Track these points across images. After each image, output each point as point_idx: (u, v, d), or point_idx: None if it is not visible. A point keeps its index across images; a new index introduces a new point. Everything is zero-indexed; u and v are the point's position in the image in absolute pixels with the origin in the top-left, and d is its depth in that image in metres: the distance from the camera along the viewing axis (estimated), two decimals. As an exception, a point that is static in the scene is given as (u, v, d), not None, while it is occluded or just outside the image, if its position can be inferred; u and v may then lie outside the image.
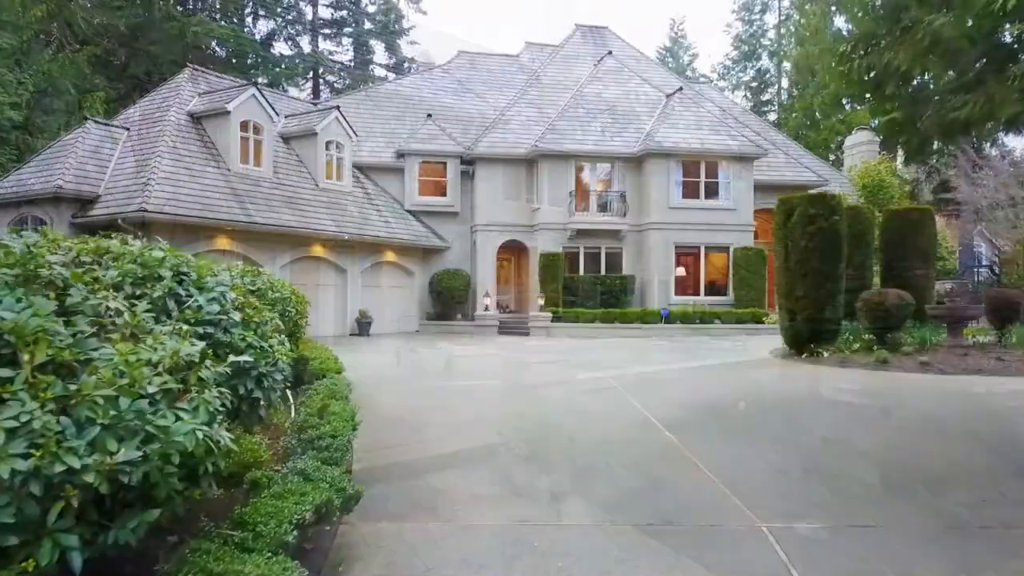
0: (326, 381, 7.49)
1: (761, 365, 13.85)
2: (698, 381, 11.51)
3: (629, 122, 25.93)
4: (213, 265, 5.58)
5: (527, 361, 14.77)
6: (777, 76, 55.29)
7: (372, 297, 23.23)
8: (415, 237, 24.11)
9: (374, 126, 26.60)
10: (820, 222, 14.19)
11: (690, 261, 25.86)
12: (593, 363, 14.10)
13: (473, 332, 23.43)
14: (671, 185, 24.51)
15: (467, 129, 27.20)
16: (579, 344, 18.98)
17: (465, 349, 17.35)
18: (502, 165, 25.14)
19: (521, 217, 25.27)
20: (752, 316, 22.77)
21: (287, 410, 7.13)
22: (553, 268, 23.14)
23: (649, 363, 14.11)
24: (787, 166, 27.42)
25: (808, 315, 14.28)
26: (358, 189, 24.03)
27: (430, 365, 13.84)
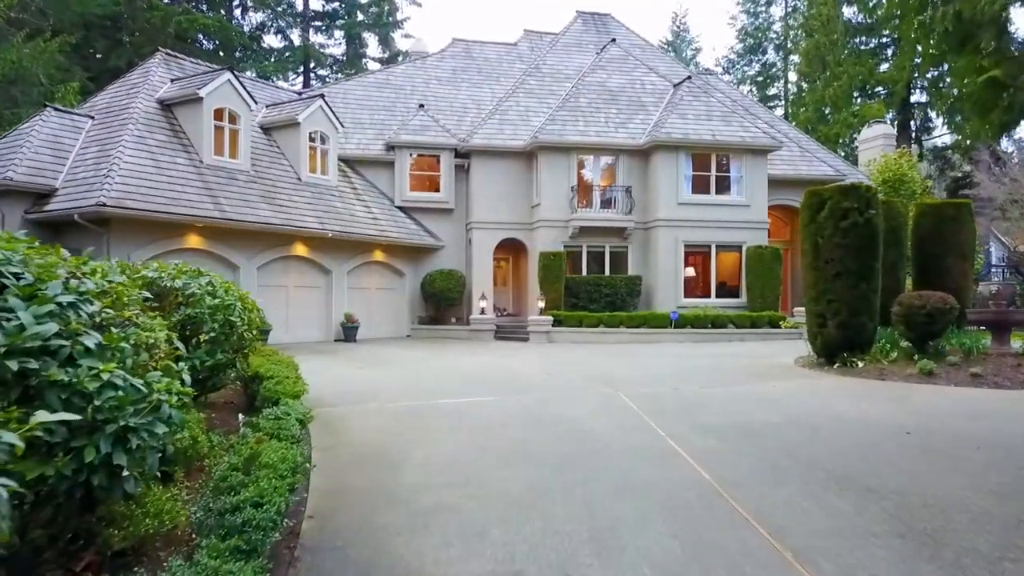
0: (276, 410, 6.03)
1: (789, 376, 12.41)
2: (725, 399, 10.07)
3: (635, 112, 24.50)
4: (107, 264, 4.15)
5: (527, 372, 13.32)
6: (784, 70, 53.93)
7: (359, 300, 21.78)
8: (406, 235, 22.66)
9: (362, 117, 25.15)
10: (854, 216, 12.76)
11: (700, 261, 24.45)
12: (600, 376, 12.65)
13: (468, 337, 21.98)
14: (680, 179, 23.08)
15: (462, 120, 25.77)
16: (582, 352, 17.53)
17: (458, 358, 15.89)
18: (499, 158, 23.70)
19: (519, 214, 23.83)
20: (768, 320, 21.33)
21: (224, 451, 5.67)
22: (554, 268, 21.70)
23: (663, 376, 12.66)
24: (802, 160, 26.01)
25: (841, 320, 12.84)
26: (344, 184, 22.58)
27: (417, 378, 12.38)
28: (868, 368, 12.58)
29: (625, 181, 23.49)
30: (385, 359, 15.52)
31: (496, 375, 12.64)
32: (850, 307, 12.81)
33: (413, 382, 11.68)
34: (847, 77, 36.38)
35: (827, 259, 12.99)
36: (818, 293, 13.18)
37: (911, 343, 13.60)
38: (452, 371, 13.30)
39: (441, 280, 22.79)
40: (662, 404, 9.42)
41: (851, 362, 12.85)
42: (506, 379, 12.08)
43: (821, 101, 37.83)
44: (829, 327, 13.01)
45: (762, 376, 12.40)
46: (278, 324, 19.12)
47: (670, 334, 20.54)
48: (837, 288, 12.88)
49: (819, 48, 37.89)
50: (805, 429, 7.84)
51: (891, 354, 13.18)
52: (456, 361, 15.28)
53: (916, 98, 41.22)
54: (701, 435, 7.49)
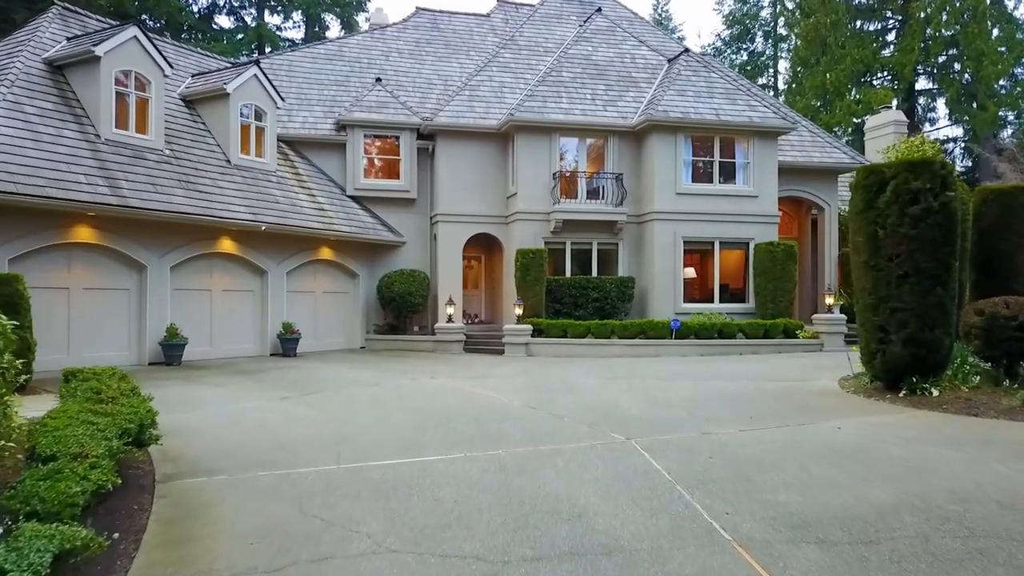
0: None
1: (847, 408, 9.62)
2: (786, 452, 7.27)
3: (625, 89, 21.70)
4: None
5: (502, 404, 10.38)
6: (773, 58, 51.71)
7: (302, 306, 18.70)
8: (359, 229, 19.60)
9: (310, 92, 22.05)
10: (927, 199, 10.01)
11: (701, 259, 21.76)
12: (599, 409, 9.77)
13: (432, 350, 18.98)
14: (678, 165, 20.31)
15: (426, 98, 22.78)
16: (569, 369, 14.64)
17: (416, 381, 12.90)
18: (469, 140, 20.74)
19: (493, 205, 20.90)
20: (783, 329, 18.62)
21: None
22: (533, 269, 18.80)
23: (682, 408, 9.81)
24: (813, 145, 23.40)
25: (909, 335, 10.08)
26: (285, 168, 19.47)
27: (355, 416, 9.38)
28: (947, 398, 9.84)
29: (615, 167, 20.66)
30: (322, 384, 12.47)
31: (462, 410, 9.68)
32: (921, 318, 10.06)
33: (347, 425, 8.67)
34: (850, 60, 33.96)
35: (890, 255, 10.23)
36: (877, 299, 10.41)
37: (992, 364, 10.94)
38: (405, 403, 10.30)
39: (401, 282, 19.78)
40: (701, 465, 6.55)
41: (922, 389, 10.11)
42: (475, 417, 9.12)
43: (822, 87, 35.40)
44: (893, 343, 10.25)
45: (811, 409, 9.60)
46: (198, 336, 15.99)
47: (671, 346, 17.73)
48: (904, 293, 10.13)
49: (819, 29, 35.45)
50: (946, 520, 5.01)
51: (970, 379, 10.47)
52: (413, 386, 12.28)
53: (919, 86, 39.03)
54: (791, 540, 4.64)
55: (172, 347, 14.97)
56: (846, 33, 35.86)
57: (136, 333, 15.07)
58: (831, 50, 35.13)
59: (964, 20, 32.67)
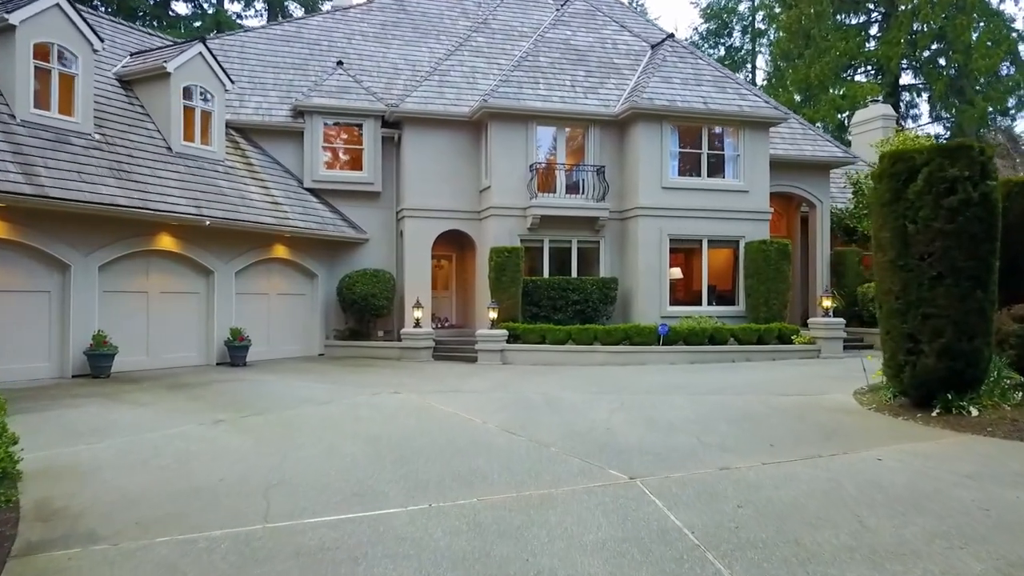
0: None
1: (877, 431, 8.35)
2: (828, 497, 5.96)
3: (606, 76, 20.37)
4: None
5: (475, 428, 8.94)
6: (752, 53, 50.90)
7: (253, 310, 17.09)
8: (318, 225, 18.01)
9: (264, 76, 20.39)
10: (965, 190, 8.77)
11: (689, 259, 20.48)
12: (590, 433, 8.39)
13: (398, 357, 17.47)
14: (664, 157, 19.02)
15: (392, 84, 21.24)
16: (550, 381, 13.24)
17: (375, 397, 11.39)
18: (439, 129, 19.25)
19: (465, 199, 19.44)
20: (778, 334, 17.42)
21: None
22: (508, 268, 17.37)
23: (686, 433, 8.47)
24: (804, 138, 22.28)
25: (944, 345, 8.83)
26: (236, 157, 17.82)
27: (295, 446, 7.87)
28: (989, 418, 8.61)
29: (597, 159, 19.31)
30: (267, 401, 10.91)
31: (429, 437, 8.21)
32: (959, 325, 8.81)
33: (287, 460, 7.16)
34: (835, 53, 33.04)
35: (922, 254, 8.97)
36: (906, 304, 9.15)
37: (1032, 377, 9.77)
38: (361, 428, 8.80)
39: (364, 283, 18.22)
40: (731, 519, 5.17)
41: (958, 407, 8.87)
42: (444, 447, 7.66)
43: (805, 81, 34.44)
44: (925, 354, 8.99)
45: (837, 433, 8.29)
46: (133, 344, 14.33)
47: (658, 353, 16.42)
48: (938, 297, 8.87)
49: (802, 20, 34.51)
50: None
51: (1010, 395, 9.25)
52: (373, 404, 10.78)
53: (903, 81, 38.32)
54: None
55: (99, 357, 13.27)
56: (830, 25, 34.96)
57: (57, 342, 13.35)
58: (815, 42, 34.20)
59: (951, 12, 31.93)
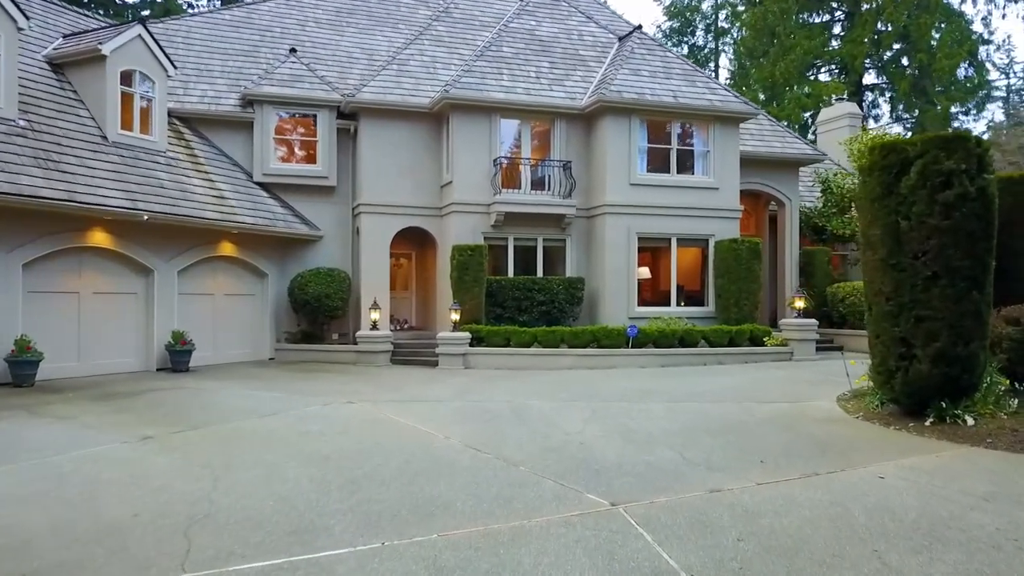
0: None
1: (871, 444, 7.76)
2: (836, 528, 5.33)
3: (573, 68, 19.69)
4: None
5: (436, 446, 8.14)
6: (715, 52, 50.82)
7: (197, 311, 16.02)
8: (268, 221, 16.99)
9: (211, 63, 19.26)
10: (962, 184, 8.24)
11: (658, 258, 19.91)
12: (563, 448, 7.66)
13: (354, 361, 16.55)
14: (633, 153, 18.39)
15: (347, 73, 20.28)
16: (516, 388, 12.49)
17: (326, 407, 10.50)
18: (398, 120, 18.35)
19: (425, 195, 18.58)
20: (749, 335, 16.91)
21: None
22: (471, 267, 16.57)
23: (667, 447, 7.79)
24: (773, 135, 21.89)
25: (940, 349, 8.28)
26: (179, 148, 16.70)
27: (230, 467, 6.98)
28: (987, 428, 8.08)
29: (563, 154, 18.60)
30: (206, 413, 9.95)
31: (384, 456, 7.37)
32: (955, 328, 8.27)
33: (218, 486, 6.27)
34: (800, 51, 32.87)
35: (916, 252, 8.42)
36: (899, 306, 8.59)
37: (1018, 383, 9.31)
38: (308, 446, 7.92)
39: (318, 283, 17.24)
40: (732, 556, 4.48)
41: (954, 416, 8.33)
42: (401, 468, 6.84)
43: (770, 78, 34.24)
44: (918, 359, 8.43)
45: (830, 446, 7.68)
46: (61, 349, 13.21)
47: (628, 356, 15.78)
48: (933, 298, 8.33)
49: (767, 18, 34.30)
50: None
51: (1006, 403, 8.74)
52: (323, 416, 9.90)
53: (867, 80, 38.40)
54: None
55: (21, 364, 12.11)
56: (794, 23, 34.84)
57: (-25, 347, 12.20)
58: (780, 40, 34.03)
59: (914, 12, 31.98)
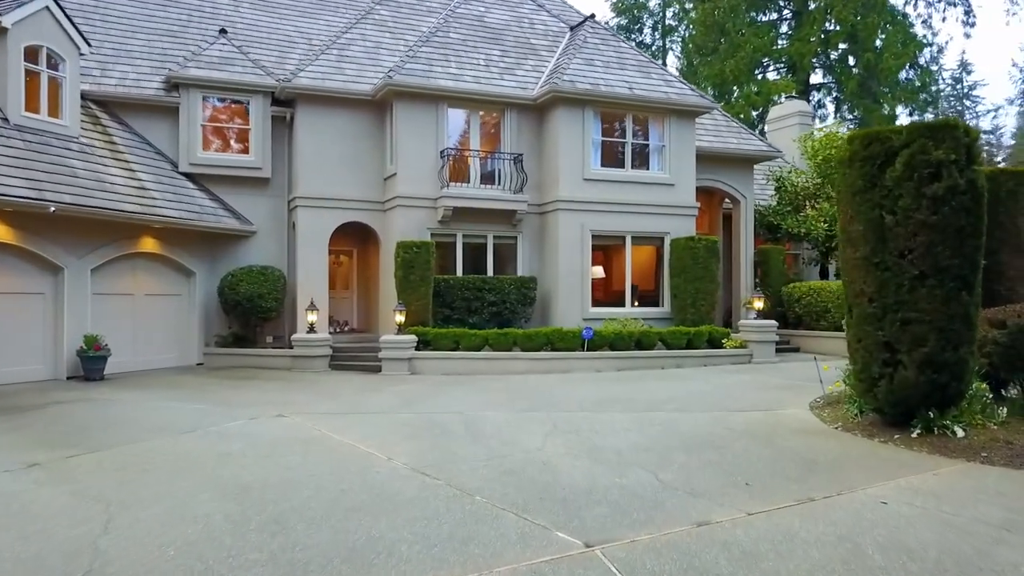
0: None
1: (863, 464, 7.11)
2: (846, 571, 4.54)
3: (524, 56, 18.86)
4: None
5: (375, 469, 7.18)
6: (663, 51, 50.70)
7: (115, 313, 14.66)
8: (194, 215, 15.68)
9: (133, 43, 17.80)
10: (951, 176, 7.64)
11: (612, 257, 19.23)
12: (522, 471, 6.81)
13: (289, 367, 15.39)
14: (586, 146, 17.64)
15: (285, 58, 19.03)
16: (467, 396, 11.58)
17: (253, 422, 9.40)
18: (338, 108, 17.22)
19: (368, 188, 17.50)
20: (708, 337, 16.33)
21: None
22: (418, 266, 15.56)
23: (638, 468, 6.99)
24: (728, 130, 21.45)
25: (927, 355, 7.67)
26: (94, 134, 15.27)
27: (127, 502, 5.91)
28: (978, 440, 7.52)
29: (514, 147, 17.74)
30: (112, 431, 8.76)
31: (313, 485, 6.37)
32: (943, 332, 7.67)
33: (111, 527, 5.19)
34: (750, 48, 32.72)
35: (902, 250, 7.79)
36: (883, 308, 7.95)
37: (1000, 389, 8.82)
38: (226, 472, 6.85)
39: (250, 282, 16.01)
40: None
41: (942, 427, 7.74)
42: (335, 501, 5.86)
43: (720, 76, 34.03)
44: (904, 366, 7.81)
45: (817, 464, 6.99)
46: (-49, 357, 11.75)
47: (583, 359, 15.01)
48: (920, 299, 7.71)
49: (716, 14, 34.08)
50: None
51: (994, 412, 8.20)
52: (249, 434, 8.80)
53: (814, 79, 38.59)
54: None
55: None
56: (743, 20, 34.71)
57: None
58: (730, 37, 33.84)
59: (862, 11, 32.13)
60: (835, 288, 18.17)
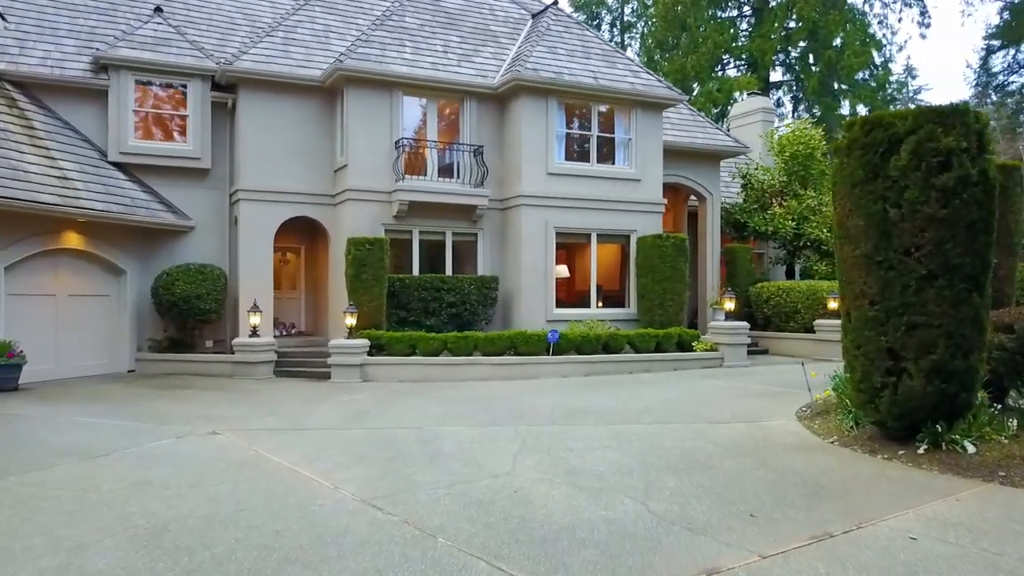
0: None
1: (872, 488, 6.38)
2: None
3: (483, 43, 17.95)
4: None
5: (317, 503, 6.22)
6: (621, 47, 50.28)
7: (33, 315, 13.33)
8: (124, 208, 14.40)
9: (58, 20, 16.38)
10: (962, 165, 6.98)
11: (576, 255, 18.45)
12: (489, 503, 5.94)
13: (230, 374, 14.23)
14: (550, 138, 16.81)
15: (226, 40, 17.79)
16: (424, 407, 10.63)
17: (180, 441, 8.31)
18: (284, 95, 16.08)
19: (317, 181, 16.40)
20: (677, 340, 15.64)
21: None
22: (371, 264, 14.53)
23: (620, 494, 6.16)
24: (694, 125, 20.83)
25: (936, 362, 6.99)
26: (11, 118, 13.93)
27: (5, 557, 4.82)
28: (992, 456, 6.85)
29: (474, 138, 16.81)
30: (6, 456, 7.59)
31: (243, 525, 5.36)
32: (953, 338, 6.99)
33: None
34: (711, 43, 32.32)
35: (908, 247, 7.09)
36: (886, 311, 7.24)
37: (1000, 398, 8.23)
38: (134, 509, 5.79)
39: (188, 281, 14.78)
40: None
41: (951, 441, 7.07)
42: (266, 550, 4.86)
43: (681, 72, 33.56)
44: (910, 374, 7.11)
45: (822, 489, 6.22)
46: None
47: (549, 364, 14.17)
48: (928, 301, 7.02)
49: (677, 8, 33.61)
50: None
51: (1002, 423, 7.56)
52: (170, 457, 7.73)
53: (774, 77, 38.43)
54: None
55: None
56: (704, 16, 34.32)
57: None
58: (691, 32, 33.41)
59: (823, 9, 31.97)
60: (805, 288, 17.69)
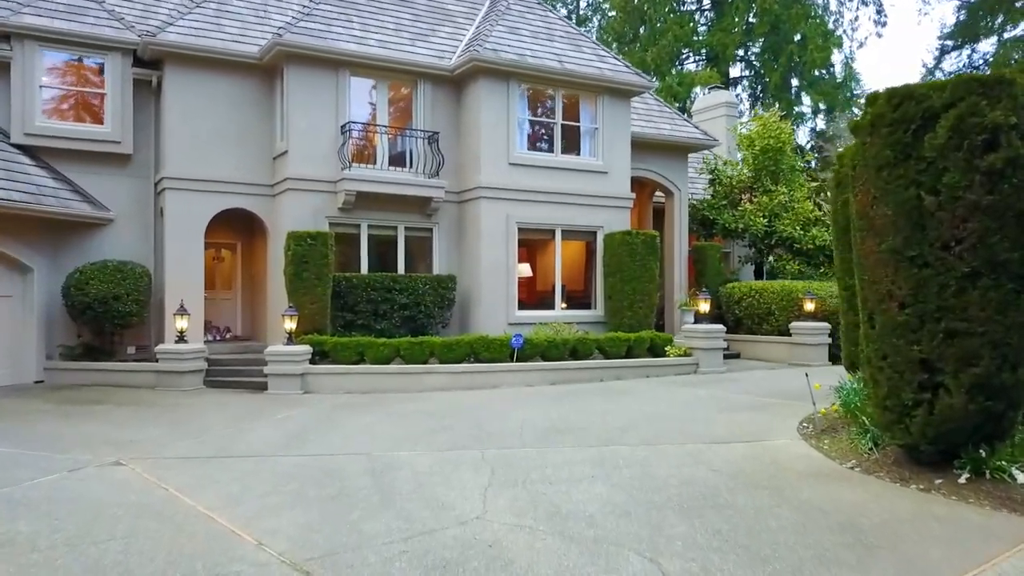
0: None
1: (922, 533, 5.34)
2: None
3: (439, 23, 16.66)
4: None
5: (234, 560, 4.88)
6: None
7: (-86, 320, 11.54)
8: (29, 197, 12.70)
9: (-47, -17, 14.51)
10: (1012, 144, 5.99)
11: (539, 253, 17.28)
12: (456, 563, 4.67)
13: (154, 385, 12.65)
14: (512, 126, 15.62)
15: (152, 11, 16.11)
16: (374, 425, 9.30)
17: (73, 475, 6.85)
18: (217, 72, 14.53)
19: (253, 168, 14.88)
20: (649, 344, 14.58)
21: None
22: (313, 261, 13.11)
23: (619, 547, 5.01)
24: (661, 115, 19.83)
25: (980, 376, 5.98)
26: None
27: None
28: (1048, 485, 5.86)
29: (429, 124, 15.50)
30: None
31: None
32: (1001, 348, 5.99)
33: None
34: (672, 36, 31.55)
35: (947, 241, 6.07)
36: (919, 315, 6.21)
37: None
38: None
39: (104, 280, 13.12)
40: None
41: (998, 469, 6.08)
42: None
43: (641, 65, 32.67)
44: (949, 390, 6.09)
45: (865, 536, 5.13)
46: None
47: (514, 372, 12.95)
48: (972, 304, 6.00)
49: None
50: None
51: (1047, 442, 6.62)
52: (56, 500, 6.29)
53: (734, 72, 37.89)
54: None
55: None
56: (664, 8, 33.58)
57: None
58: (650, 24, 32.60)
59: (784, 2, 31.50)
60: (779, 289, 16.84)
